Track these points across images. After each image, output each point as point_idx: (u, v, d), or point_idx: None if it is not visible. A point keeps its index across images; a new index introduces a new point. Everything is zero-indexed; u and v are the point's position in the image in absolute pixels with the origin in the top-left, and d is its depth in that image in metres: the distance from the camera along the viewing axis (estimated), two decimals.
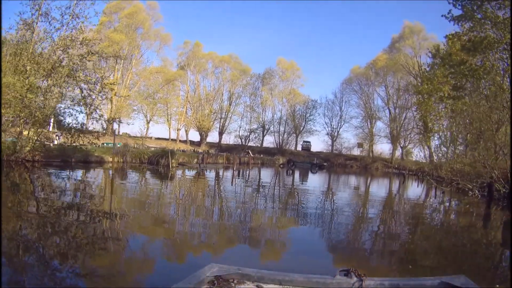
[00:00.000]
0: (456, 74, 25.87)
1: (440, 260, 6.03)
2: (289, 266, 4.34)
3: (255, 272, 2.94)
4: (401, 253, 6.48)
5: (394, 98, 55.10)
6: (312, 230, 8.05)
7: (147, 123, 52.24)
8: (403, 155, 56.49)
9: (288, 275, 2.92)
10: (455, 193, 18.27)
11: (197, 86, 57.09)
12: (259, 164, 41.20)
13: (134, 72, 46.92)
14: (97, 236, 5.99)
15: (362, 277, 2.84)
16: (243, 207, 10.33)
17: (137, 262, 4.90)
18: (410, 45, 49.29)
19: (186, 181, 18.63)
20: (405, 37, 50.31)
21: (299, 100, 62.36)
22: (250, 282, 2.88)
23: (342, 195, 17.08)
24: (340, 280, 2.85)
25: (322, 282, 2.85)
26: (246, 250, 5.98)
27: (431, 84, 32.22)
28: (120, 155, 24.11)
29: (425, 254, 6.39)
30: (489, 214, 12.92)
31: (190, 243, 6.17)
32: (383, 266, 5.62)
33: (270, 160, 46.00)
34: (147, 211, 8.81)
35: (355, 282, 2.82)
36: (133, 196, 11.55)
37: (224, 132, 60.08)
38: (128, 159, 24.40)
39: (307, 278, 2.90)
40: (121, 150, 24.65)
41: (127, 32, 44.98)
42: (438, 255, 6.36)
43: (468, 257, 6.56)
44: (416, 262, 5.80)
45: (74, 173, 17.44)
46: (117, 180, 15.76)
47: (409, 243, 7.36)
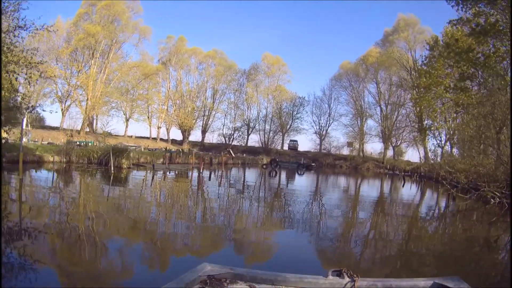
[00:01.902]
0: (465, 62, 22.48)
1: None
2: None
3: (247, 272, 2.94)
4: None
5: (386, 95, 52.08)
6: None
7: (126, 121, 49.30)
8: (395, 155, 53.52)
9: (281, 275, 2.92)
10: (473, 200, 14.69)
11: (179, 82, 53.97)
12: (240, 165, 37.53)
13: (111, 66, 43.99)
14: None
15: (354, 278, 2.83)
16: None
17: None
18: (405, 38, 46.19)
19: (96, 190, 13.54)
20: (400, 30, 47.19)
21: (285, 97, 59.47)
22: (243, 282, 2.85)
23: (333, 204, 13.43)
24: (332, 281, 2.85)
25: (314, 282, 2.85)
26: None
27: (429, 77, 29.05)
28: (63, 154, 19.99)
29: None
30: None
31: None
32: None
33: (253, 160, 42.36)
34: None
35: (348, 282, 2.82)
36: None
37: (207, 130, 57.40)
38: (74, 159, 20.35)
39: (300, 278, 2.90)
40: (65, 149, 20.50)
41: (104, 24, 41.51)
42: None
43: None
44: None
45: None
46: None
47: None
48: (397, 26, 48.33)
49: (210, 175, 22.70)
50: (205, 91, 55.96)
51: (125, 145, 35.86)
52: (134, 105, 49.45)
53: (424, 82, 29.44)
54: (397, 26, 48.28)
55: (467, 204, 14.82)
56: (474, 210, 13.82)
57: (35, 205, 8.91)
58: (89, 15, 42.49)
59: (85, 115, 41.56)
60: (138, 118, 50.93)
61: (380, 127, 52.68)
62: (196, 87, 54.84)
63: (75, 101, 42.95)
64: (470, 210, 13.91)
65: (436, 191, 23.31)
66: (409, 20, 47.48)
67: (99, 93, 41.23)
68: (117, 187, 13.82)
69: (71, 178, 15.91)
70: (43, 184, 13.04)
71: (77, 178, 16.08)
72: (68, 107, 43.18)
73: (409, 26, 46.89)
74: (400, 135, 51.57)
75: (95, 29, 40.31)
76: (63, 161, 20.22)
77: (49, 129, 40.66)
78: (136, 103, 49.57)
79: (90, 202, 10.04)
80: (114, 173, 17.02)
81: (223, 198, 12.95)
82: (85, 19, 42.31)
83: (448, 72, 28.44)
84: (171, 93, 53.28)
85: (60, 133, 35.19)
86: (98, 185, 14.28)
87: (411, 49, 46.17)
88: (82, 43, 40.21)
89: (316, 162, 48.36)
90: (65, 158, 20.42)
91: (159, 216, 8.64)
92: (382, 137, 51.83)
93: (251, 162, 41.15)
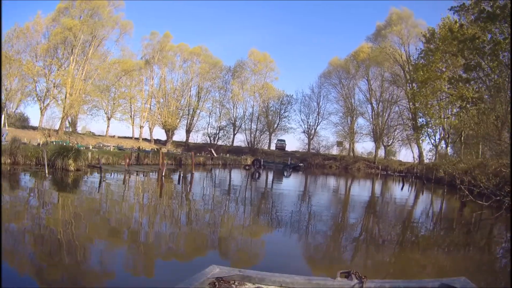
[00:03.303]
0: (470, 50, 20.11)
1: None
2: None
3: (256, 274, 2.92)
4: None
5: (378, 92, 49.86)
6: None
7: (107, 120, 47.48)
8: (387, 154, 51.33)
9: (289, 277, 2.90)
10: (490, 208, 12.14)
11: (163, 80, 51.63)
12: (220, 165, 34.71)
13: (91, 63, 41.43)
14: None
15: (362, 279, 2.80)
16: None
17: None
18: (398, 32, 43.73)
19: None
20: (393, 23, 44.63)
21: (272, 95, 57.08)
22: (251, 284, 2.85)
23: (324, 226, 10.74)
24: (340, 282, 2.83)
25: (322, 284, 2.84)
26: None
27: (427, 71, 26.70)
28: (7, 154, 16.86)
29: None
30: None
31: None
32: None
33: (236, 160, 39.56)
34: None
35: (356, 284, 2.79)
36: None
37: (192, 130, 55.25)
38: (21, 160, 17.25)
39: (308, 280, 2.88)
40: (9, 148, 17.34)
41: (83, 18, 39.33)
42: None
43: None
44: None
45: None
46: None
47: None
48: (389, 20, 45.76)
49: (180, 178, 19.82)
50: (189, 89, 54.10)
51: (104, 145, 33.86)
52: (116, 104, 47.68)
53: (421, 76, 27.03)
54: (389, 20, 45.70)
55: (482, 212, 12.31)
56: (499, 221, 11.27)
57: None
58: (69, 10, 40.18)
59: (63, 114, 39.24)
60: (120, 118, 49.05)
61: (371, 125, 50.45)
62: (181, 85, 52.91)
63: (54, 99, 40.86)
64: (488, 220, 11.39)
65: (440, 195, 20.93)
66: (402, 14, 45.06)
67: (78, 91, 39.06)
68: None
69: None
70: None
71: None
72: (47, 106, 41.11)
73: (402, 20, 44.46)
74: (392, 134, 49.47)
75: (73, 23, 38.17)
76: (7, 162, 17.07)
77: (30, 129, 37.93)
78: (118, 101, 47.85)
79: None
80: (60, 176, 13.97)
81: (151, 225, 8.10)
82: (65, 14, 40.07)
83: (447, 65, 26.14)
84: (155, 91, 51.22)
85: (38, 133, 32.55)
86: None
87: (404, 44, 43.86)
88: (58, 37, 38.29)
89: (305, 162, 46.03)
90: (9, 159, 17.28)
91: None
92: (373, 136, 49.53)
93: (233, 162, 38.38)
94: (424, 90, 27.69)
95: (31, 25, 39.94)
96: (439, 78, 26.60)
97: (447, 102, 26.38)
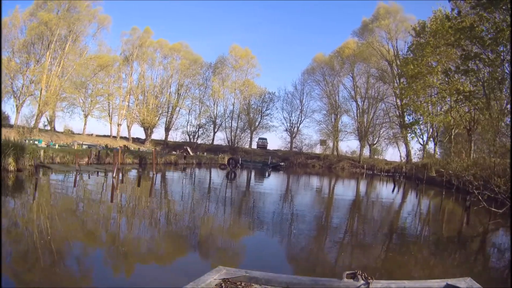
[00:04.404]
0: (470, 39, 18.15)
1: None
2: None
3: (262, 275, 2.87)
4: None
5: (363, 90, 48.10)
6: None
7: (84, 117, 45.88)
8: (372, 153, 49.66)
9: (296, 278, 2.88)
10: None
11: (142, 76, 49.51)
12: (194, 165, 32.03)
13: (68, 59, 39.41)
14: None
15: (368, 280, 2.74)
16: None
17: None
18: (386, 26, 41.94)
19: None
20: (380, 18, 42.80)
21: (254, 92, 54.90)
22: (258, 285, 2.80)
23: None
24: (347, 283, 2.77)
25: (329, 285, 2.79)
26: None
27: (417, 65, 24.75)
28: None
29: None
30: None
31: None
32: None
33: (212, 159, 36.98)
34: None
35: (362, 285, 2.73)
36: None
37: (171, 128, 53.06)
38: None
39: (314, 281, 2.84)
40: None
41: (60, 13, 37.60)
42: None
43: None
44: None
45: None
46: None
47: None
48: (377, 14, 43.90)
49: (140, 179, 17.07)
50: (169, 86, 51.94)
51: (78, 143, 31.66)
52: (93, 101, 46.10)
53: (412, 70, 25.06)
54: (377, 15, 43.85)
55: (496, 221, 10.11)
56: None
57: None
58: (47, 3, 38.24)
59: (38, 111, 37.29)
60: (98, 116, 47.32)
61: (356, 123, 48.62)
62: (160, 82, 50.83)
63: (30, 96, 38.83)
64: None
65: (432, 196, 18.85)
66: (390, 9, 43.19)
67: (53, 88, 37.34)
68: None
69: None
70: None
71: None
72: (22, 103, 38.46)
73: (390, 14, 42.70)
74: (377, 132, 47.78)
75: (49, 17, 36.52)
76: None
77: (8, 127, 34.62)
78: (96, 99, 46.33)
79: None
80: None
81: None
82: (44, 8, 38.10)
83: (440, 58, 24.20)
84: (133, 88, 48.93)
85: (13, 131, 29.55)
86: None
87: (392, 39, 42.24)
88: (34, 32, 36.53)
89: (286, 161, 43.86)
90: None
91: None
92: (358, 134, 47.75)
93: (209, 161, 35.72)
94: (414, 85, 25.81)
95: (9, 20, 37.57)
96: (430, 73, 24.74)
97: (439, 97, 24.46)
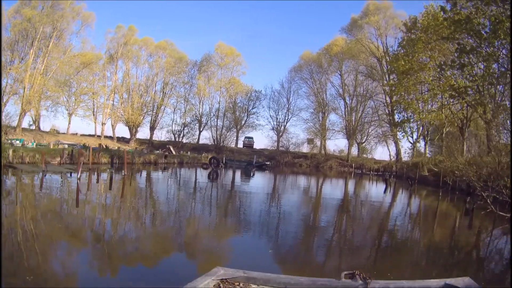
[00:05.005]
0: (467, 31, 17.16)
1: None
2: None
3: (260, 275, 2.87)
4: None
5: (351, 87, 47.11)
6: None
7: (68, 116, 44.85)
8: (361, 152, 48.84)
9: (294, 278, 2.86)
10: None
11: (126, 75, 47.82)
12: (176, 164, 30.48)
13: (51, 56, 38.37)
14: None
15: (367, 280, 2.74)
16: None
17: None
18: (375, 23, 40.95)
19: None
20: (369, 14, 41.79)
21: (240, 90, 53.57)
22: (256, 285, 2.80)
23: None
24: (345, 283, 2.77)
25: (327, 285, 2.79)
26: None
27: (409, 61, 23.76)
28: None
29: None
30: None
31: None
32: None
33: (195, 158, 35.52)
34: None
35: (360, 284, 2.73)
36: None
37: (156, 127, 51.29)
38: None
39: (313, 281, 2.83)
40: None
41: (45, 9, 36.47)
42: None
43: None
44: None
45: None
46: None
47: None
48: (366, 10, 42.92)
49: (112, 181, 15.46)
50: (154, 85, 50.38)
51: (61, 142, 30.59)
52: (78, 100, 44.98)
53: (403, 65, 24.05)
54: (366, 11, 42.88)
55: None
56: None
57: None
58: (31, 1, 37.12)
59: (20, 110, 36.14)
60: (82, 114, 46.16)
61: (344, 121, 47.67)
62: (145, 80, 49.33)
63: (14, 95, 37.08)
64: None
65: (425, 196, 17.68)
66: (380, 5, 42.11)
67: (36, 86, 36.12)
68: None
69: None
70: None
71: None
72: (6, 101, 36.55)
73: (380, 11, 41.67)
74: (366, 131, 46.95)
75: (32, 13, 35.53)
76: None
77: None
78: (80, 97, 45.13)
79: None
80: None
81: None
82: (28, 5, 36.80)
83: (432, 53, 23.24)
84: (118, 86, 47.41)
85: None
86: None
87: (381, 35, 41.32)
88: (17, 28, 35.27)
89: (273, 160, 42.62)
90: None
91: None
92: (346, 132, 46.74)
93: (191, 160, 34.22)
94: (405, 81, 24.81)
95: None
96: (422, 69, 23.77)
97: (431, 94, 23.50)
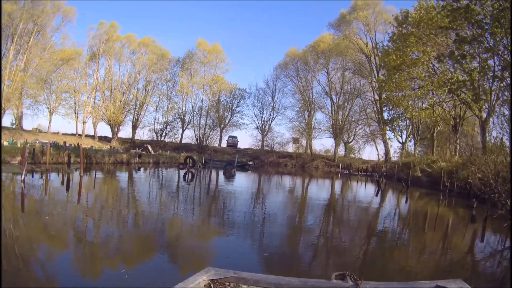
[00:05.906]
0: (467, 20, 15.77)
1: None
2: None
3: (251, 276, 2.86)
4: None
5: (338, 86, 45.83)
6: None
7: (49, 115, 44.08)
8: (348, 152, 47.56)
9: (284, 279, 2.84)
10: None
11: (108, 72, 46.26)
12: (151, 164, 28.42)
13: (31, 52, 36.83)
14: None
15: (357, 281, 2.72)
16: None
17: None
18: (364, 18, 39.61)
19: None
20: (358, 9, 40.45)
21: (224, 88, 51.86)
22: (246, 286, 2.79)
23: None
24: (335, 284, 2.77)
25: (317, 286, 2.79)
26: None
27: (400, 56, 22.33)
28: None
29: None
30: None
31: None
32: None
33: (173, 158, 33.58)
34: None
35: (351, 286, 2.72)
36: None
37: (138, 125, 49.96)
38: None
39: (303, 282, 2.81)
40: None
41: (25, 4, 35.23)
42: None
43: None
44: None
45: None
46: None
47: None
48: (354, 5, 41.63)
49: (62, 183, 13.28)
50: (137, 83, 48.85)
51: (40, 141, 29.44)
52: (58, 98, 44.39)
53: (394, 60, 22.62)
54: (354, 6, 41.58)
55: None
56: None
57: None
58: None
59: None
60: (63, 113, 45.32)
61: (330, 120, 46.28)
62: (128, 78, 47.90)
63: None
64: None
65: (419, 197, 16.03)
66: (369, 0, 40.78)
67: (15, 83, 34.87)
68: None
69: None
70: None
71: None
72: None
73: (369, 6, 40.38)
74: (353, 130, 45.65)
75: (12, 7, 34.32)
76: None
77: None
78: (61, 95, 44.57)
79: None
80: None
81: None
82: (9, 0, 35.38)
83: (425, 48, 21.81)
84: (100, 84, 45.71)
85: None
86: None
87: (370, 31, 40.04)
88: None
89: (257, 160, 41.00)
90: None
91: None
92: (333, 132, 45.33)
93: (169, 160, 32.25)
94: (396, 77, 23.39)
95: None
96: (415, 63, 22.35)
97: (424, 91, 22.08)
